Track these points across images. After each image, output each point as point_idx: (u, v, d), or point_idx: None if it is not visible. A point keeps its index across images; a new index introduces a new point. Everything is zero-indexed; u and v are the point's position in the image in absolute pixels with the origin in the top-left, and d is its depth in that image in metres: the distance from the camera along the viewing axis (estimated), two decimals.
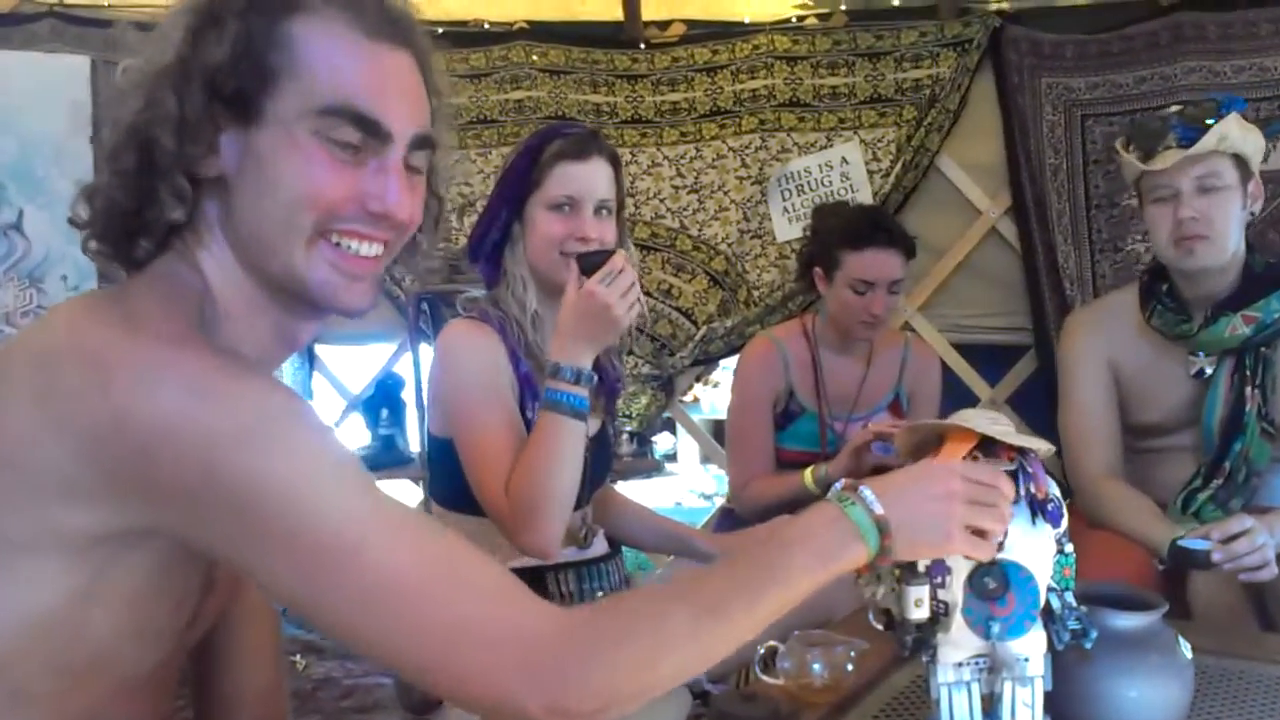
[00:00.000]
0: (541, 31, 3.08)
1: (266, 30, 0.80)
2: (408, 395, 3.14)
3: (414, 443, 3.12)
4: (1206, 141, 1.69)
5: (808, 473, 2.12)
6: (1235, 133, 1.71)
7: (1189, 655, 1.11)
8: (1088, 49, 2.70)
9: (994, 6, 2.80)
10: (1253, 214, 1.79)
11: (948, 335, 2.91)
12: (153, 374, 0.72)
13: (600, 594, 1.61)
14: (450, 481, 1.58)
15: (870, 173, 2.89)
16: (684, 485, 5.14)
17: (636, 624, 0.80)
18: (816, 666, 1.30)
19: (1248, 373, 1.77)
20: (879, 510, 0.90)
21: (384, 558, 0.74)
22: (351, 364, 3.60)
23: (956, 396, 2.80)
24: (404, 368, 3.25)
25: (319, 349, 3.41)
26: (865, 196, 2.87)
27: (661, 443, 4.95)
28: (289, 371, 3.23)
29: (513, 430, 1.49)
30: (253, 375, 0.77)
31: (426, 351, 2.95)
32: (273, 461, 0.72)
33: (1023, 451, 1.07)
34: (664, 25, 3.05)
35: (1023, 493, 1.07)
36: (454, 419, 1.53)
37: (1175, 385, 1.86)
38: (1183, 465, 1.85)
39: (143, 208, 0.81)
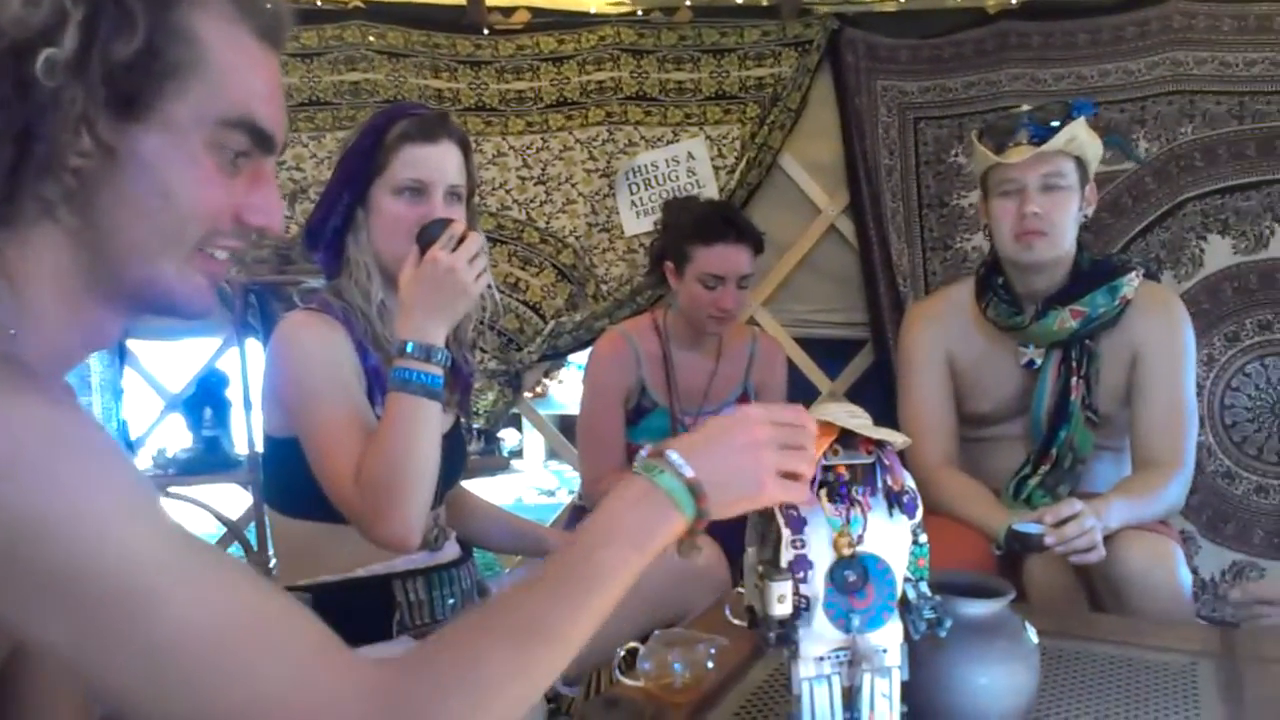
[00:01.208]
0: (378, 11, 2.94)
1: (166, 20, 0.70)
2: (234, 393, 2.94)
3: (241, 444, 2.93)
4: (1057, 140, 1.77)
5: None
6: (1083, 135, 1.80)
7: (1034, 640, 1.14)
8: (920, 53, 2.80)
9: (833, 9, 2.86)
10: (1086, 216, 1.88)
11: (790, 330, 2.96)
12: None
13: (451, 601, 1.54)
14: (287, 484, 1.48)
15: (716, 169, 2.91)
16: (526, 482, 5.08)
17: (455, 673, 0.73)
18: (677, 666, 1.28)
19: (1074, 364, 1.86)
20: (689, 473, 0.85)
21: (180, 612, 0.64)
22: (169, 360, 3.36)
23: (799, 389, 2.86)
24: (228, 364, 3.05)
25: (131, 344, 3.15)
26: (711, 192, 2.88)
27: (506, 439, 4.88)
28: (97, 370, 2.97)
29: (361, 419, 1.39)
30: (26, 393, 0.65)
31: (254, 347, 2.80)
32: (46, 496, 0.62)
33: (880, 444, 1.08)
34: (508, 11, 2.97)
35: (880, 485, 1.08)
36: (296, 411, 1.41)
37: (1007, 376, 1.94)
38: (1014, 453, 1.94)
39: None
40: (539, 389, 3.52)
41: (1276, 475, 2.58)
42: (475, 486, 2.12)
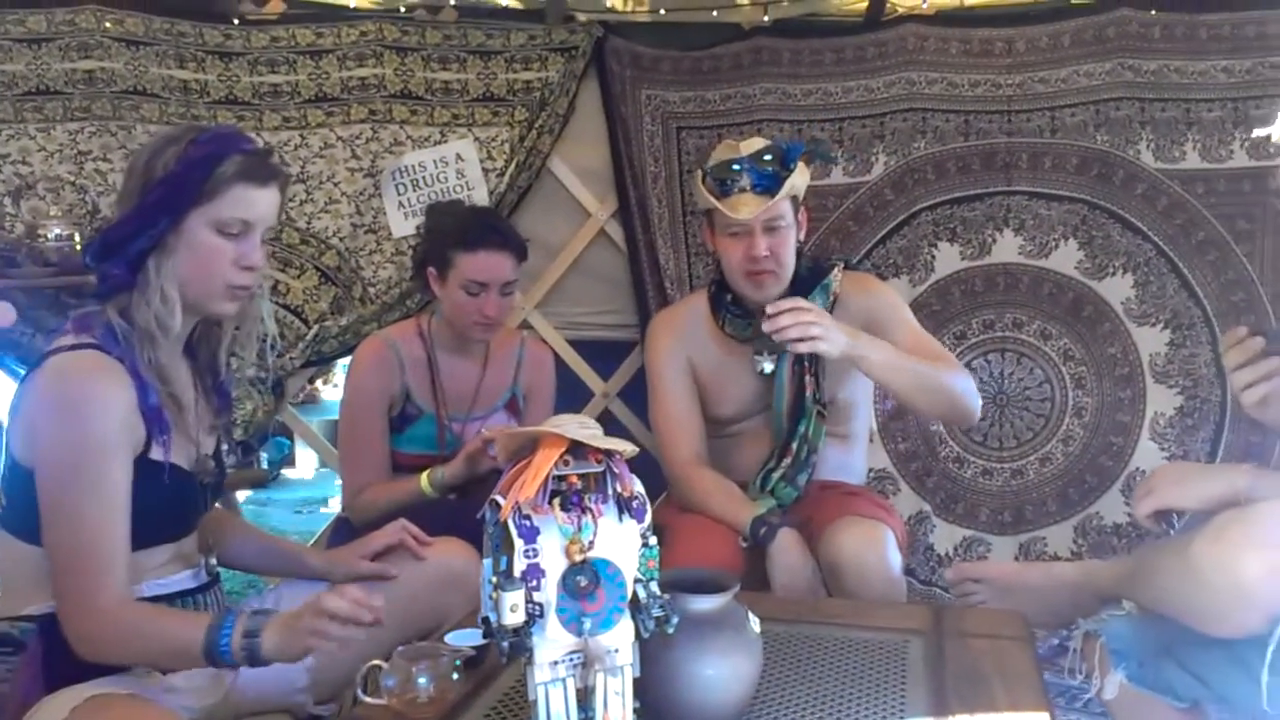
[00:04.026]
0: None
1: None
2: None
3: None
4: (782, 194, 1.91)
5: (424, 476, 2.08)
6: (798, 181, 1.95)
7: (757, 630, 1.22)
8: (681, 65, 2.90)
9: (597, 17, 2.91)
10: (800, 240, 2.04)
11: (563, 332, 3.00)
12: None
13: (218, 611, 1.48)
14: (29, 511, 1.37)
15: (486, 171, 2.90)
16: (295, 492, 4.85)
17: None
18: (422, 680, 1.27)
19: (805, 363, 2.00)
20: None
21: None
22: None
23: (572, 391, 2.90)
24: None
25: None
26: (481, 194, 2.87)
27: (269, 451, 4.64)
28: None
29: (114, 519, 1.34)
30: None
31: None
32: None
33: (609, 453, 1.12)
34: (261, 1, 2.83)
35: (611, 493, 1.12)
36: (52, 479, 1.34)
37: (745, 381, 2.06)
38: (759, 446, 2.06)
39: None
40: (305, 393, 3.38)
41: (999, 459, 2.86)
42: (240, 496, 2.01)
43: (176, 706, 1.39)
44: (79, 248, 2.45)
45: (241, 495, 4.15)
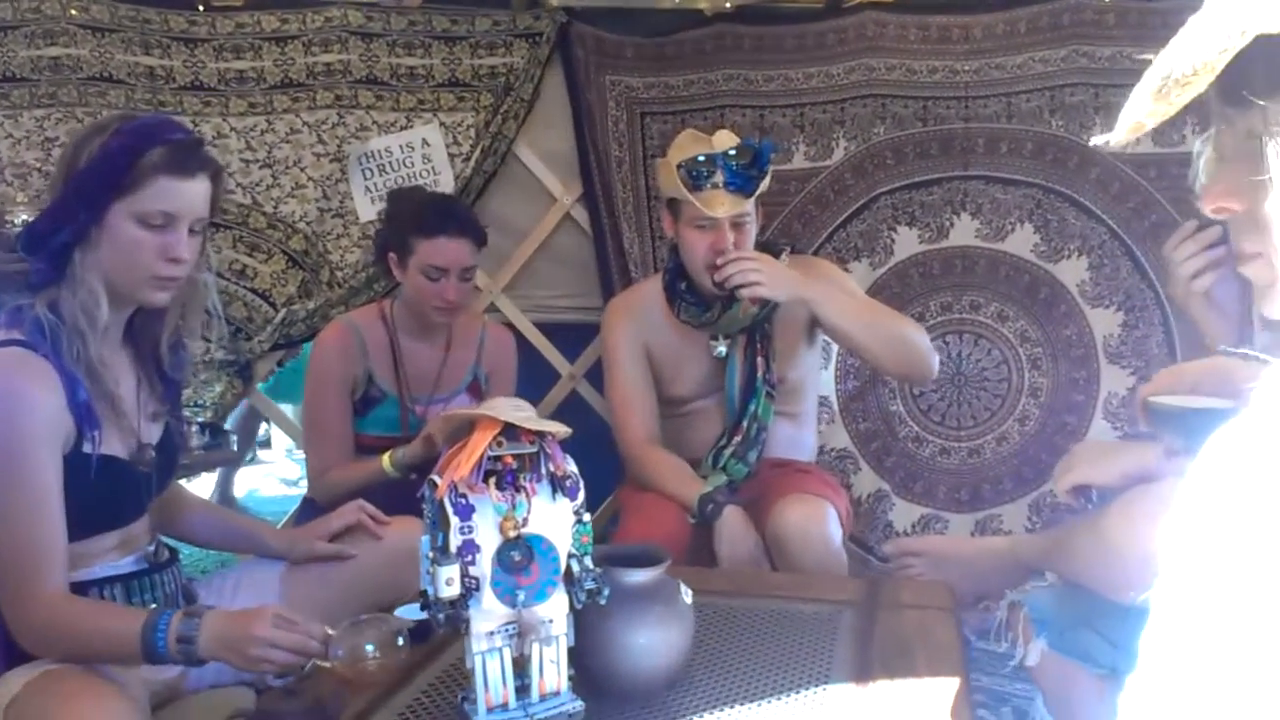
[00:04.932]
0: None
1: None
2: None
3: None
4: (755, 195, 1.97)
5: (385, 457, 2.13)
6: (767, 181, 2.01)
7: (689, 600, 1.27)
8: (644, 50, 2.93)
9: (561, 3, 2.93)
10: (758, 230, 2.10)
11: (531, 315, 3.04)
12: None
13: (153, 607, 1.52)
14: None
15: (451, 156, 2.92)
16: (269, 472, 4.87)
17: None
18: (369, 647, 1.33)
19: (758, 345, 2.06)
20: None
21: None
22: None
23: (540, 373, 2.95)
24: None
25: None
26: (447, 179, 2.90)
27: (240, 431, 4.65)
28: None
29: (45, 517, 1.36)
30: None
31: None
32: None
33: (541, 434, 1.17)
34: None
35: (544, 472, 1.18)
36: None
37: (698, 363, 2.12)
38: (710, 426, 2.13)
39: None
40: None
41: (957, 439, 2.93)
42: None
43: (133, 681, 1.43)
44: None
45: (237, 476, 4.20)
